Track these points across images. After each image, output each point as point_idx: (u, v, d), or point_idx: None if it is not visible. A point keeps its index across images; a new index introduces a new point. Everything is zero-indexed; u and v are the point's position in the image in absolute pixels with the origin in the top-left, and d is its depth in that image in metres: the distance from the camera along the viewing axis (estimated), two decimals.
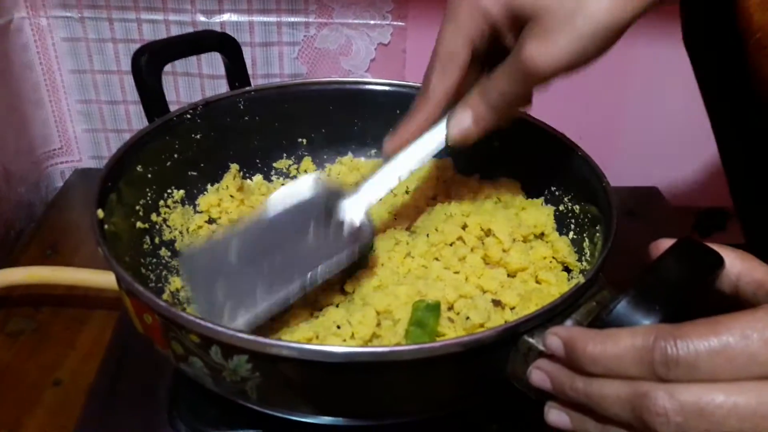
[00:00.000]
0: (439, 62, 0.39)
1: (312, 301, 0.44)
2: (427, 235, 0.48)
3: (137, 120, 0.78)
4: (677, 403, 0.26)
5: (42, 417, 0.48)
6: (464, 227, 0.49)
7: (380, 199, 0.44)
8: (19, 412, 0.48)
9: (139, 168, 0.47)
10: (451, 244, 0.48)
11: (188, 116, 0.51)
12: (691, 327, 0.27)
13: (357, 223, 0.43)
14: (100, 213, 0.40)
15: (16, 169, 0.71)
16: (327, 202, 0.43)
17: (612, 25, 0.34)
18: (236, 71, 0.55)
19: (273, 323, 0.42)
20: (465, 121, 0.40)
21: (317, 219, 0.43)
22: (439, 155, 0.57)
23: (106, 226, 0.40)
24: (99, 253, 0.38)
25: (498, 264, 0.48)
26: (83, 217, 0.73)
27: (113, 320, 0.56)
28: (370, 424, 0.39)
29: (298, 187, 0.44)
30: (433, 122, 0.42)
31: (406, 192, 0.55)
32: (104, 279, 0.55)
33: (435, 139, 0.42)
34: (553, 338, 0.31)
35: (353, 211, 0.43)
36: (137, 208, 0.47)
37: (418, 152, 0.42)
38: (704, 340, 0.26)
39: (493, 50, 0.39)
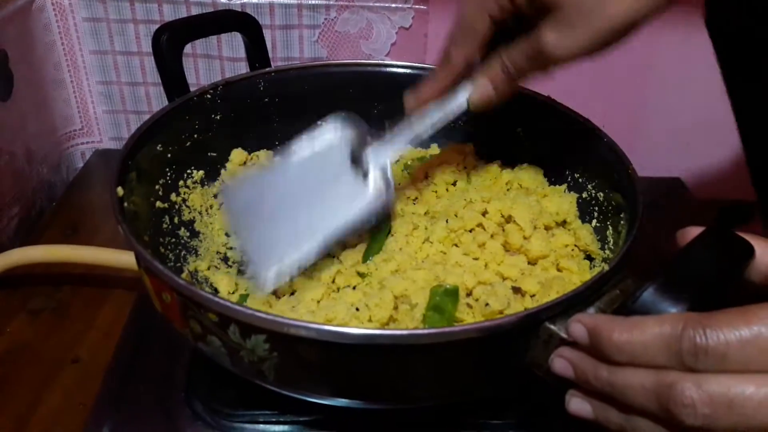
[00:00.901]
0: (460, 33, 0.42)
1: (329, 282, 0.44)
2: (447, 221, 0.48)
3: (157, 102, 0.78)
4: (705, 394, 0.26)
5: (61, 394, 0.49)
6: (484, 213, 0.48)
7: (401, 155, 0.47)
8: (39, 389, 0.49)
9: (159, 147, 0.47)
10: (470, 230, 0.48)
11: (208, 96, 0.51)
12: (721, 316, 0.26)
13: (381, 178, 0.45)
14: (120, 191, 0.40)
15: (38, 149, 0.72)
16: (352, 148, 0.46)
17: (629, 21, 0.36)
18: (257, 52, 0.54)
19: (293, 306, 0.42)
20: (486, 88, 0.43)
21: (342, 166, 0.45)
22: (459, 138, 0.57)
23: (125, 205, 0.40)
24: (118, 232, 0.38)
25: (518, 251, 0.47)
26: (103, 197, 0.73)
27: (132, 300, 0.56)
28: (386, 407, 0.39)
29: (323, 129, 0.47)
30: (452, 85, 0.44)
31: (426, 177, 0.55)
32: (123, 259, 0.55)
33: (455, 102, 0.45)
34: (577, 325, 0.31)
35: (377, 163, 0.45)
36: (157, 187, 0.47)
37: (439, 112, 0.45)
38: (735, 330, 0.26)
39: (509, 23, 0.41)
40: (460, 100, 0.44)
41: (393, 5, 0.72)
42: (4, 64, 0.65)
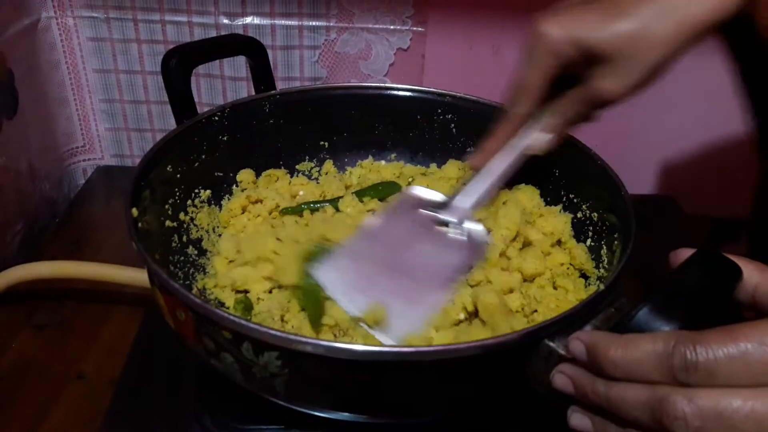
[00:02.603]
0: (519, 91, 0.46)
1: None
2: None
3: (159, 120, 0.79)
4: (696, 407, 0.27)
5: (66, 409, 0.50)
6: None
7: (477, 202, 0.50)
8: (45, 404, 0.50)
9: (168, 168, 0.48)
10: None
11: (216, 118, 0.52)
12: (711, 334, 0.28)
13: (469, 226, 0.49)
14: (135, 212, 0.41)
15: (41, 165, 0.73)
16: (431, 211, 0.50)
17: (662, 60, 0.41)
18: (261, 75, 0.56)
19: None
20: (550, 137, 0.48)
21: (426, 227, 0.49)
22: (458, 156, 0.58)
23: (139, 224, 0.41)
24: (121, 248, 0.39)
25: (514, 269, 0.48)
26: (105, 214, 0.74)
27: (135, 315, 0.57)
28: (391, 422, 0.40)
29: (396, 203, 0.51)
30: (511, 140, 0.49)
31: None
32: (128, 275, 0.56)
33: (517, 152, 0.49)
34: (577, 343, 0.32)
35: (459, 215, 0.49)
36: (166, 207, 0.48)
37: (504, 162, 0.50)
38: (723, 347, 0.27)
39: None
40: (521, 148, 0.49)
41: (391, 27, 0.74)
42: (10, 83, 0.66)
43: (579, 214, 0.52)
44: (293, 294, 0.45)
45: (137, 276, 0.56)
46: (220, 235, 0.53)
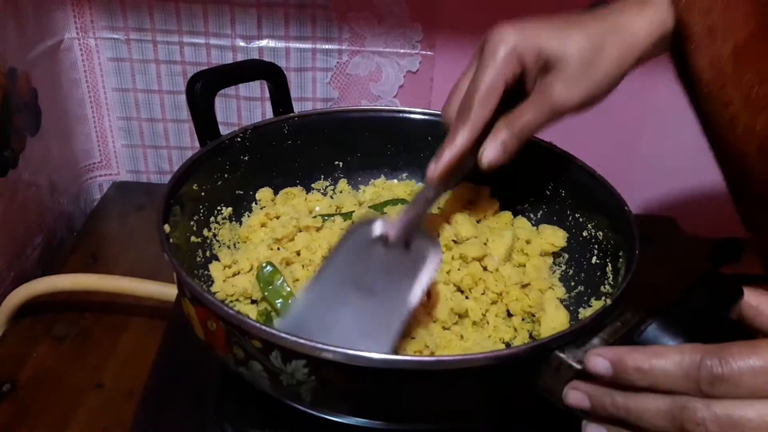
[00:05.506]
0: (479, 95, 0.44)
1: None
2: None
3: (174, 137, 0.82)
4: (714, 415, 0.29)
5: (85, 418, 0.51)
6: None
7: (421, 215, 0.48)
8: (64, 414, 0.51)
9: (195, 186, 0.50)
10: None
11: (238, 139, 0.55)
12: (735, 347, 0.29)
13: (419, 240, 0.47)
14: (167, 228, 0.43)
15: (60, 181, 0.75)
16: (381, 234, 0.47)
17: (620, 72, 0.44)
18: (280, 98, 0.58)
19: None
20: (496, 149, 0.46)
21: (379, 250, 0.46)
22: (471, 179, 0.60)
23: (171, 240, 0.43)
24: (139, 263, 0.41)
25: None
26: (121, 228, 0.76)
27: (153, 327, 0.59)
28: (408, 428, 0.42)
29: (349, 233, 0.47)
30: (472, 146, 0.46)
31: (438, 208, 0.58)
32: (146, 288, 0.58)
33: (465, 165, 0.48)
34: (597, 359, 0.33)
35: (413, 233, 0.47)
36: (192, 223, 0.50)
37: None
38: (746, 359, 0.29)
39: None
40: (469, 163, 0.47)
41: (401, 50, 0.77)
42: (34, 102, 0.68)
43: (585, 233, 0.54)
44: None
45: (155, 289, 0.58)
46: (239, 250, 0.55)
